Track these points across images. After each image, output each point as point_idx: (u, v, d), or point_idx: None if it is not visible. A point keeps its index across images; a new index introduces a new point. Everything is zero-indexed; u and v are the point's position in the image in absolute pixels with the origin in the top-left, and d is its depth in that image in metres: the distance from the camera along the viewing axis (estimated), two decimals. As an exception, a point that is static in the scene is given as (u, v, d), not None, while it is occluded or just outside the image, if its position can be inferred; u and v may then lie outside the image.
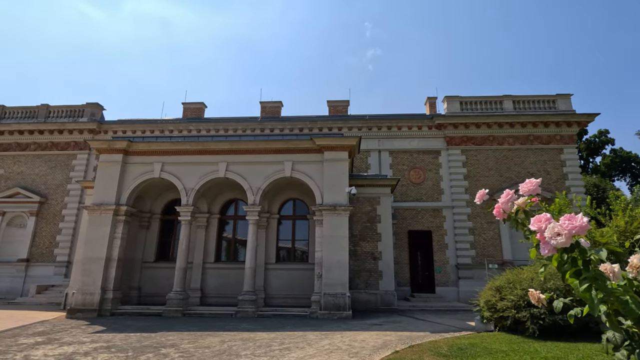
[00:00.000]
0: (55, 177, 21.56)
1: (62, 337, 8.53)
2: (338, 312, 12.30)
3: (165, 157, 14.57)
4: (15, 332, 9.15)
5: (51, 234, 20.67)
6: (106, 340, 8.15)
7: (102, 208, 13.66)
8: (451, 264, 19.67)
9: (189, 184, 14.29)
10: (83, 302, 12.73)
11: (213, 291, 15.40)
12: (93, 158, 21.91)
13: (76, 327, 10.14)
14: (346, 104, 24.11)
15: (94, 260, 13.24)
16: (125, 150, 14.43)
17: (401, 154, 21.76)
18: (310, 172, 14.16)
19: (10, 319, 11.47)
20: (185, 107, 23.98)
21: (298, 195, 16.45)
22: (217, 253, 16.11)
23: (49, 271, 20.09)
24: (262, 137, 14.92)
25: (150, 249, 16.07)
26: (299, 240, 16.30)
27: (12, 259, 20.19)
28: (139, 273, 15.62)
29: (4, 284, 19.81)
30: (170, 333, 9.10)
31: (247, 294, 13.06)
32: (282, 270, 15.52)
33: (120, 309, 13.29)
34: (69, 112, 22.80)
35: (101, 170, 14.27)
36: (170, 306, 12.92)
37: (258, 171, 14.32)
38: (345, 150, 14.10)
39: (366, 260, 15.50)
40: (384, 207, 15.97)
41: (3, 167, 21.52)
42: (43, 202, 20.94)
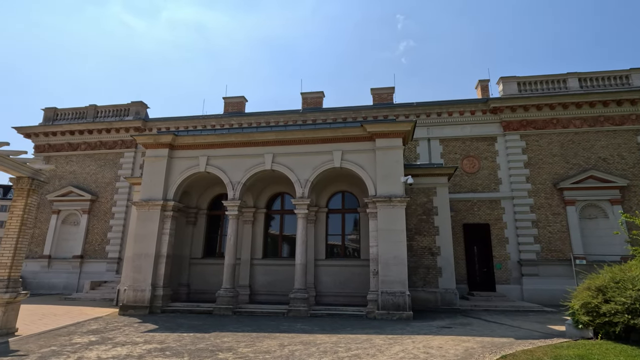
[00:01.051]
0: (104, 176, 22.07)
1: (115, 336, 8.16)
2: (397, 313, 11.24)
3: (210, 150, 14.13)
4: (70, 330, 8.94)
5: (102, 231, 21.17)
6: (159, 340, 7.66)
7: (150, 204, 13.46)
8: (513, 259, 17.93)
9: (235, 178, 13.76)
10: (134, 299, 12.57)
11: (262, 288, 14.85)
12: (139, 156, 22.22)
13: (129, 325, 9.84)
14: (391, 91, 22.79)
15: (143, 257, 13.06)
16: (171, 145, 14.15)
17: (453, 141, 20.19)
18: (361, 161, 13.15)
19: (66, 315, 11.48)
20: (226, 101, 23.74)
21: (347, 187, 15.50)
22: (264, 249, 15.54)
23: (102, 267, 20.59)
24: (309, 127, 14.09)
25: (198, 245, 15.81)
26: (350, 235, 15.37)
27: (67, 255, 20.90)
28: (188, 270, 15.40)
29: (61, 279, 20.53)
30: (224, 334, 8.50)
31: (298, 291, 12.32)
32: (332, 267, 14.66)
33: (171, 306, 13.03)
34: (115, 111, 23.28)
35: (148, 166, 14.09)
36: (220, 304, 12.46)
37: (305, 162, 13.52)
38: (399, 136, 12.94)
39: (423, 255, 14.28)
40: (441, 198, 14.64)
41: (57, 167, 22.35)
42: (94, 200, 21.50)
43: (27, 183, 8.84)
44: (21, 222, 8.67)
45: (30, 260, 20.86)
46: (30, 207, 8.90)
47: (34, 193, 9.04)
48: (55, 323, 10.03)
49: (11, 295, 8.24)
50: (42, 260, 20.80)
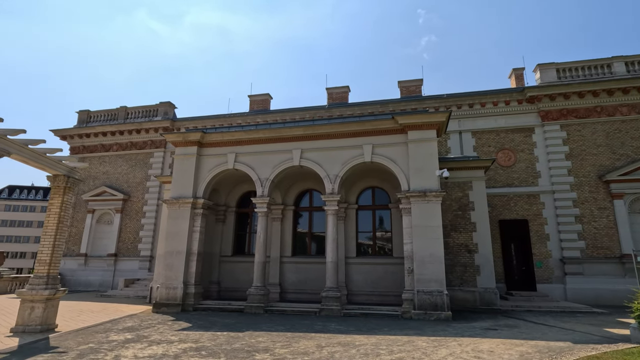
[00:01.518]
0: (135, 175, 22.54)
1: (150, 334, 8.09)
2: (435, 313, 10.69)
3: (238, 147, 14.01)
4: (107, 327, 8.98)
5: (134, 229, 21.63)
6: (194, 339, 7.51)
7: (181, 201, 13.49)
8: (554, 257, 16.89)
9: (263, 174, 13.58)
10: (167, 297, 12.63)
11: (292, 286, 14.63)
12: (168, 155, 22.55)
13: (162, 323, 9.81)
14: (419, 84, 22.05)
15: (175, 254, 13.11)
16: (199, 142, 14.13)
17: (486, 134, 19.26)
18: (393, 155, 12.64)
19: (102, 312, 11.64)
20: (251, 99, 23.73)
21: (377, 182, 15.01)
22: (293, 247, 15.31)
23: (134, 265, 21.03)
24: (337, 120, 13.71)
25: (227, 243, 15.77)
26: (381, 232, 14.89)
27: (102, 254, 21.50)
28: (218, 267, 15.39)
29: (97, 277, 21.14)
30: (258, 333, 8.27)
31: (330, 290, 11.98)
32: (364, 265, 14.24)
33: (203, 303, 13.01)
34: (144, 112, 23.73)
35: (177, 164, 14.14)
36: (251, 302, 12.31)
37: (334, 157, 13.15)
38: (433, 128, 12.34)
39: (460, 253, 13.62)
40: (478, 192, 13.91)
41: (91, 168, 23.04)
42: (126, 200, 21.99)
43: (63, 181, 8.94)
44: (58, 220, 8.77)
45: (68, 258, 21.60)
46: (66, 204, 9.00)
47: (70, 191, 9.13)
48: (92, 320, 10.15)
49: (50, 292, 8.34)
50: (79, 258, 21.49)
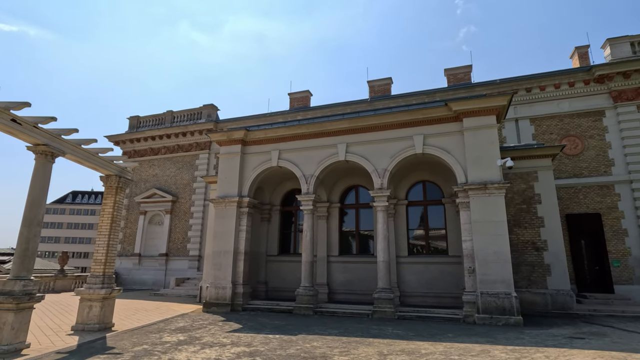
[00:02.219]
0: (182, 177, 23.15)
1: (202, 335, 7.89)
2: (503, 317, 9.63)
3: (281, 143, 13.71)
4: (160, 327, 8.94)
5: (183, 230, 22.19)
6: (246, 342, 7.17)
7: (227, 200, 13.41)
8: (635, 255, 14.97)
9: (307, 171, 13.15)
10: (216, 297, 12.58)
11: (340, 287, 14.08)
12: (213, 157, 22.92)
13: (213, 324, 9.65)
14: (468, 70, 20.63)
15: (222, 254, 13.04)
16: (243, 141, 14.00)
17: (547, 120, 17.56)
18: (447, 145, 11.68)
19: (155, 311, 11.79)
20: (291, 97, 23.54)
21: (428, 176, 14.06)
22: (340, 246, 14.76)
23: (184, 265, 21.56)
24: (384, 111, 12.95)
25: (273, 242, 15.56)
26: (434, 229, 13.91)
27: (154, 253, 22.28)
28: (265, 267, 15.21)
29: (150, 276, 21.94)
30: (311, 337, 7.79)
31: (383, 291, 11.28)
32: (416, 265, 13.37)
33: (251, 303, 12.83)
34: (189, 115, 24.33)
35: (222, 163, 14.11)
36: (300, 303, 11.92)
37: (382, 150, 12.42)
38: (492, 113, 11.22)
39: (525, 251, 12.34)
40: (544, 183, 12.54)
41: (141, 171, 24.01)
42: (175, 201, 22.63)
43: (114, 181, 9.03)
44: (111, 220, 8.87)
45: (124, 258, 22.64)
46: (118, 204, 9.08)
47: (121, 191, 9.22)
48: (146, 319, 10.23)
49: (106, 291, 8.41)
50: (134, 258, 22.42)
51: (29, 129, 6.47)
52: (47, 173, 6.96)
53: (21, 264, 6.37)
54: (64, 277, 18.01)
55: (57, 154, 7.09)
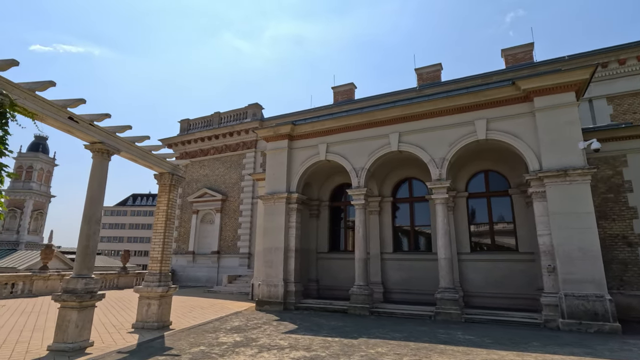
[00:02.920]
0: (231, 177, 23.48)
1: (258, 336, 7.56)
2: (595, 324, 8.33)
3: (329, 136, 13.18)
4: (216, 326, 8.78)
5: (233, 228, 22.49)
6: (305, 346, 6.71)
7: (275, 197, 13.15)
8: None
9: (358, 164, 12.50)
10: (268, 295, 12.35)
11: (396, 286, 13.28)
12: (259, 155, 22.98)
13: (268, 324, 9.35)
14: (529, 49, 18.76)
15: (273, 251, 12.80)
16: (290, 135, 13.66)
17: (629, 98, 15.42)
18: (515, 129, 10.45)
19: (210, 309, 11.80)
20: (335, 91, 22.96)
21: (491, 165, 12.81)
22: (394, 242, 13.94)
23: (235, 262, 21.84)
24: (440, 95, 11.94)
25: (323, 239, 15.09)
26: (499, 223, 12.65)
27: (207, 251, 22.82)
28: (315, 264, 14.79)
29: (204, 273, 22.50)
30: (373, 341, 7.16)
31: (446, 291, 10.34)
32: (481, 262, 12.22)
33: (303, 302, 12.45)
34: (235, 115, 24.64)
35: (270, 159, 13.87)
36: (355, 302, 11.32)
37: (439, 138, 11.44)
38: (570, 90, 9.83)
39: (615, 246, 10.74)
40: (636, 168, 10.82)
41: (192, 172, 24.73)
42: (224, 200, 23.02)
43: (168, 179, 9.00)
44: (166, 217, 8.84)
45: (179, 256, 23.45)
46: (172, 202, 9.05)
47: (175, 188, 9.18)
48: (202, 317, 10.19)
49: (163, 289, 8.39)
50: (188, 256, 23.13)
51: (85, 127, 6.48)
52: (104, 170, 6.96)
53: (82, 262, 6.40)
54: (126, 274, 18.91)
55: (113, 151, 7.08)
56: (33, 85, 5.35)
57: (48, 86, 5.86)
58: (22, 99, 5.23)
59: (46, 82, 5.81)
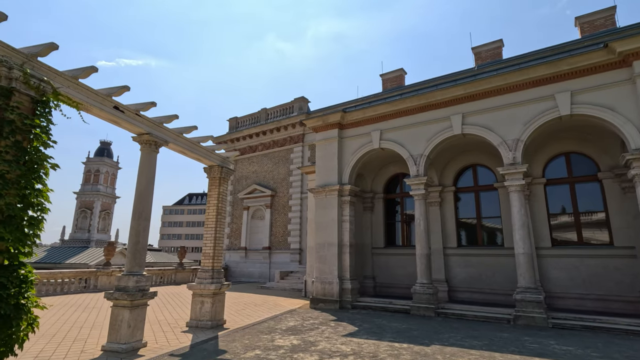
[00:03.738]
0: (279, 172, 23.26)
1: (316, 339, 6.90)
2: None
3: (382, 123, 12.21)
4: (270, 326, 8.28)
5: (283, 223, 22.26)
6: (371, 353, 5.92)
7: (327, 189, 12.45)
8: None
9: (415, 150, 11.41)
10: (323, 292, 11.72)
11: (462, 284, 12.03)
12: (306, 149, 22.51)
13: (324, 324, 8.68)
14: (610, 14, 16.28)
15: (326, 247, 12.13)
16: (340, 124, 12.88)
17: None
18: (608, 100, 8.79)
19: (264, 306, 11.42)
20: (383, 78, 21.78)
21: (574, 146, 11.08)
22: (458, 235, 12.66)
23: (286, 258, 21.59)
24: (512, 68, 10.47)
25: (378, 234, 14.16)
26: (587, 213, 10.90)
27: (258, 247, 22.83)
28: (370, 260, 13.92)
29: (256, 269, 22.54)
30: (450, 349, 6.19)
31: (527, 291, 8.98)
32: (566, 258, 10.59)
33: (360, 301, 11.67)
34: (281, 110, 24.37)
35: (320, 150, 13.20)
36: (418, 302, 10.31)
37: (511, 117, 10.02)
38: (685, 46, 8.00)
39: None
40: None
41: (242, 168, 24.90)
42: (274, 195, 22.85)
43: (217, 171, 8.64)
44: (217, 211, 8.49)
45: (232, 252, 23.74)
46: (222, 195, 8.69)
47: (224, 181, 8.81)
48: (255, 315, 9.80)
49: (216, 287, 8.04)
50: (241, 252, 23.31)
51: (132, 117, 6.19)
52: (152, 164, 6.67)
53: (133, 259, 6.14)
54: (183, 269, 19.38)
55: (161, 143, 6.77)
56: (76, 72, 5.08)
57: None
58: (65, 87, 4.98)
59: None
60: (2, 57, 4.27)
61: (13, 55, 4.43)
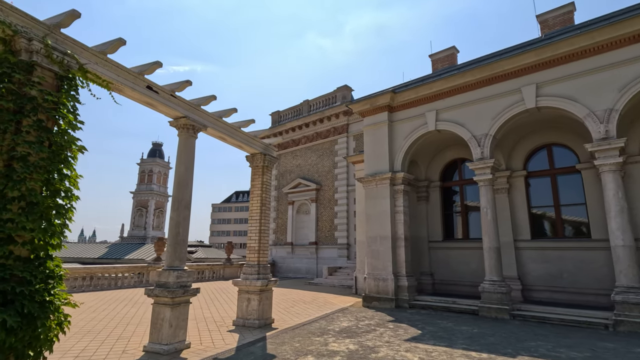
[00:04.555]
0: (323, 165, 22.52)
1: (375, 344, 6.02)
2: None
3: (438, 102, 10.95)
4: (322, 327, 7.52)
5: (329, 217, 21.51)
6: (444, 363, 4.91)
7: (377, 178, 11.45)
8: None
9: (479, 130, 10.05)
10: (377, 290, 10.77)
11: (538, 282, 10.47)
12: (351, 140, 21.55)
13: (382, 325, 7.76)
14: None
15: (379, 240, 11.16)
16: (390, 106, 11.79)
17: None
18: None
19: (313, 303, 10.73)
20: (433, 59, 20.09)
21: (684, 114, 9.10)
22: (531, 226, 11.07)
23: (333, 253, 20.84)
24: (600, 24, 8.79)
25: (435, 226, 12.89)
26: None
27: (304, 242, 22.31)
28: (427, 255, 12.72)
29: (303, 264, 22.04)
30: (544, 363, 5.00)
31: (630, 291, 7.40)
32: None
33: (419, 300, 10.58)
34: (324, 101, 23.58)
35: (368, 136, 12.21)
36: (488, 302, 9.03)
37: (601, 83, 8.37)
38: None
39: None
40: None
41: (286, 163, 24.51)
42: (319, 189, 22.17)
43: (260, 159, 8.02)
44: (261, 202, 7.88)
45: (279, 247, 23.47)
46: (266, 185, 8.06)
47: (268, 170, 8.18)
48: (305, 313, 9.11)
49: (262, 283, 7.43)
50: (287, 247, 22.96)
51: (167, 98, 5.67)
52: (191, 150, 6.14)
53: (173, 252, 5.63)
54: (231, 265, 19.36)
55: (199, 127, 6.22)
56: (102, 46, 4.60)
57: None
58: (92, 64, 4.50)
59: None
60: (22, 28, 3.82)
61: (33, 26, 3.98)
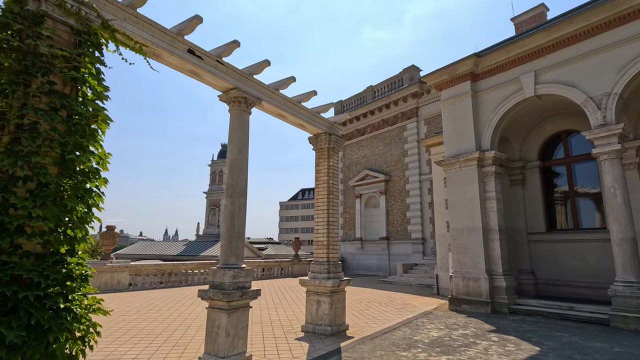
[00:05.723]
0: (392, 154, 20.89)
1: (485, 365, 4.55)
2: None
3: (536, 61, 8.89)
4: (406, 335, 6.21)
5: (401, 210, 19.85)
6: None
7: (461, 159, 9.71)
8: None
9: (596, 89, 7.85)
10: (466, 291, 9.09)
11: (695, 284, 7.91)
12: (422, 125, 19.64)
13: (482, 337, 6.21)
14: None
15: (466, 233, 9.44)
16: (472, 74, 9.96)
17: None
18: None
19: (390, 305, 9.40)
20: (516, 22, 17.32)
21: None
22: (678, 211, 8.49)
23: (407, 249, 19.16)
24: None
25: (535, 214, 10.71)
26: None
27: (374, 237, 20.91)
28: (527, 250, 10.61)
29: (374, 261, 20.68)
30: None
31: None
32: None
33: (520, 304, 8.69)
34: (389, 85, 21.90)
35: (447, 112, 10.48)
36: (624, 309, 6.91)
37: None
38: None
39: None
40: None
41: (351, 154, 23.31)
42: (387, 180, 20.61)
43: (325, 141, 6.97)
44: (328, 190, 6.81)
45: (347, 243, 22.38)
46: (333, 170, 6.97)
47: (334, 153, 7.08)
48: (383, 317, 7.86)
49: (334, 283, 6.36)
50: (356, 243, 21.76)
51: (213, 65, 4.83)
52: (244, 127, 5.26)
53: (228, 247, 4.79)
54: (299, 261, 18.78)
55: (252, 100, 5.32)
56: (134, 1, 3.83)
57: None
58: (119, 20, 3.76)
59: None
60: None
61: (49, -25, 3.30)
